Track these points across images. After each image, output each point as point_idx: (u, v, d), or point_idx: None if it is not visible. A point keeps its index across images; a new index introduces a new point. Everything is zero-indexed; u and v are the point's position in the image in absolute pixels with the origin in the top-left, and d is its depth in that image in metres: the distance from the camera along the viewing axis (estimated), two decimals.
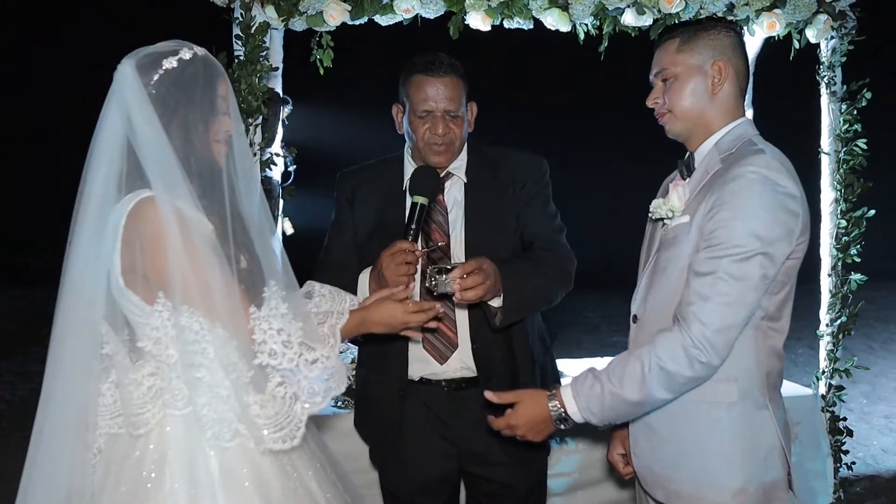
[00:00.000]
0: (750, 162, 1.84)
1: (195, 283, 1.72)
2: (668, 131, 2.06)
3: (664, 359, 1.83)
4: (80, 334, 1.79)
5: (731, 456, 1.91)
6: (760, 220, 1.79)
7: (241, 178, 1.86)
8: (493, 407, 2.13)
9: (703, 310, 1.80)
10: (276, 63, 3.30)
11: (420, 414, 2.49)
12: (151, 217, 1.72)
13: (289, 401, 1.78)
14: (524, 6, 3.14)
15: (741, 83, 2.01)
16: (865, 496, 4.36)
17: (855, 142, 3.40)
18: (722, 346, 1.82)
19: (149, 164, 1.74)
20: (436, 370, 2.47)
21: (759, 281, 1.81)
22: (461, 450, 2.51)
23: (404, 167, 2.56)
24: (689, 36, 2.00)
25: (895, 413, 6.12)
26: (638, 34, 3.30)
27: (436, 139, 2.42)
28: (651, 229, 2.15)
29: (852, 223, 3.42)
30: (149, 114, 1.75)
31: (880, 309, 9.75)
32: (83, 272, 1.78)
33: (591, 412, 1.93)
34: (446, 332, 2.45)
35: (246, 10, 3.08)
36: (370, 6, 3.13)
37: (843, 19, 3.34)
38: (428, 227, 2.46)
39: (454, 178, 2.53)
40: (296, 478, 1.86)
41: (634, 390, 1.87)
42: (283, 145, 3.41)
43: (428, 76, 2.40)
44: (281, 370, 1.78)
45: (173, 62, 1.79)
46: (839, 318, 3.45)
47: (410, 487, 2.54)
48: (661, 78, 2.03)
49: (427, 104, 2.40)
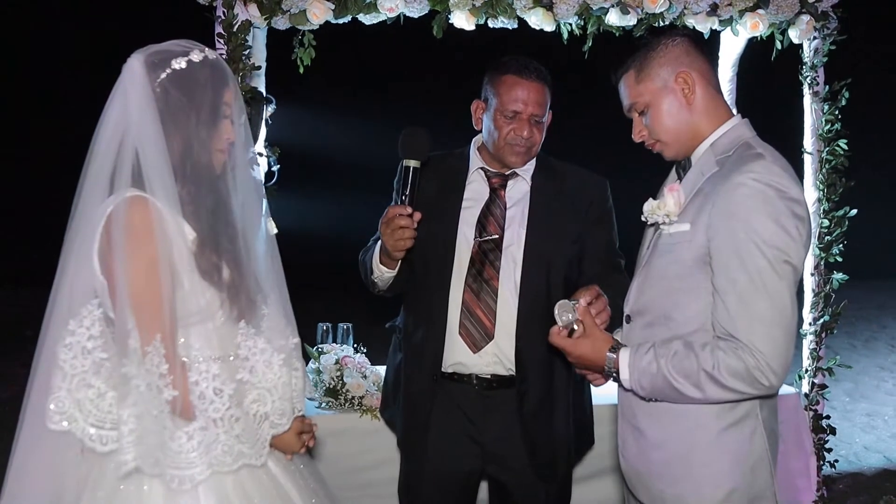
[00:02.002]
0: (751, 169, 1.78)
1: (147, 295, 1.68)
2: (666, 157, 2.03)
3: (726, 376, 1.79)
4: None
5: (717, 464, 1.88)
6: (771, 231, 1.75)
7: (239, 188, 1.83)
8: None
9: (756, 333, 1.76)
10: (259, 62, 3.28)
11: (449, 411, 2.50)
12: (131, 218, 1.69)
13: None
14: (508, 5, 3.14)
15: (711, 81, 1.98)
16: (848, 494, 4.39)
17: (837, 142, 3.42)
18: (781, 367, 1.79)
19: (144, 164, 1.71)
20: (467, 360, 2.47)
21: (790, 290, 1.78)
22: (486, 451, 2.52)
23: (469, 161, 2.60)
24: (642, 62, 1.96)
25: (877, 411, 6.17)
26: (622, 34, 3.30)
27: (519, 140, 2.46)
28: (646, 232, 2.10)
29: (834, 222, 3.44)
30: (150, 113, 1.72)
31: (862, 308, 9.83)
32: (74, 271, 1.75)
33: (640, 386, 1.91)
34: (483, 321, 2.46)
35: (228, 8, 3.06)
36: (354, 5, 3.12)
37: (825, 20, 3.37)
38: (485, 218, 2.51)
39: (519, 177, 2.57)
40: (272, 486, 1.84)
41: (690, 389, 1.83)
42: (267, 145, 3.39)
43: (521, 78, 2.45)
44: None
45: (182, 63, 1.76)
46: (822, 318, 3.47)
47: (429, 483, 2.54)
48: (636, 111, 2.00)
49: (517, 105, 2.44)
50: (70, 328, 1.71)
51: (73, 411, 1.69)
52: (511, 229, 2.50)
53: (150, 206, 1.70)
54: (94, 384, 1.70)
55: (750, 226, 1.75)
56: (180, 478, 1.68)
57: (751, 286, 1.75)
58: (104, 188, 1.74)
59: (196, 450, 1.69)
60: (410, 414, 2.56)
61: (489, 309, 2.46)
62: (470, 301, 2.47)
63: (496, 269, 2.47)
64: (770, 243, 1.75)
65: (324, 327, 3.46)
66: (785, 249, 1.75)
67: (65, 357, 1.69)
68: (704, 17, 3.27)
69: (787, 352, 1.77)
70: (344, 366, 3.17)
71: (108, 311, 1.74)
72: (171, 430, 1.67)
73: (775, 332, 1.75)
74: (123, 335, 1.67)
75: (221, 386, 1.72)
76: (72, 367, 1.69)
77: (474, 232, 2.50)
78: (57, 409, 1.69)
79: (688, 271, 1.87)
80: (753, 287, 1.75)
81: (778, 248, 1.75)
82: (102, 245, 1.72)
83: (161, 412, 1.67)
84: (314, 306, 2.49)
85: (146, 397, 1.66)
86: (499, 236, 2.49)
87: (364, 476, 3.04)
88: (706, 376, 1.78)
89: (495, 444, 2.50)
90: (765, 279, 1.75)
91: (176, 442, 1.68)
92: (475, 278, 2.46)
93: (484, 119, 2.53)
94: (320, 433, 3.00)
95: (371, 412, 3.05)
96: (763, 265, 1.75)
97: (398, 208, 2.24)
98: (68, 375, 1.69)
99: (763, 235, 1.75)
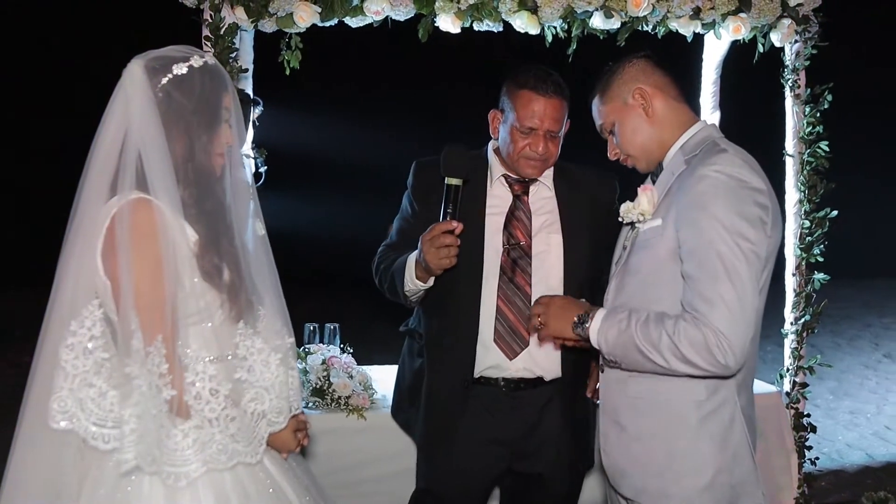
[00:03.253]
0: (713, 162, 1.88)
1: (159, 305, 1.72)
2: (640, 170, 2.15)
3: (686, 345, 1.84)
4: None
5: (699, 453, 1.93)
6: (732, 217, 1.83)
7: (236, 191, 1.87)
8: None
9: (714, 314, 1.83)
10: (247, 64, 3.30)
11: (476, 414, 2.52)
12: (136, 220, 1.72)
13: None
14: (493, 9, 3.16)
15: (670, 92, 2.09)
16: (831, 490, 4.44)
17: (818, 144, 3.47)
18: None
19: (147, 167, 1.74)
20: (500, 365, 2.50)
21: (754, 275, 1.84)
22: (513, 450, 2.55)
23: (489, 164, 2.61)
24: (604, 86, 2.12)
25: (860, 409, 6.23)
26: (606, 37, 3.34)
27: (534, 155, 2.47)
28: (622, 232, 2.20)
29: (816, 223, 3.48)
30: (153, 117, 1.75)
31: (847, 307, 9.92)
32: (76, 272, 1.77)
33: (606, 340, 1.97)
34: (518, 328, 2.49)
35: (215, 11, 3.07)
36: (340, 8, 3.14)
37: (806, 24, 3.41)
38: (511, 225, 2.53)
39: (540, 183, 2.59)
40: (269, 483, 1.87)
41: (651, 352, 1.89)
42: (254, 146, 3.40)
43: (538, 94, 2.44)
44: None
45: (183, 68, 1.79)
46: (803, 317, 3.51)
47: (454, 486, 2.56)
48: (606, 131, 2.15)
49: (532, 122, 2.44)
50: (72, 329, 1.73)
51: (76, 410, 1.72)
52: (539, 236, 2.53)
53: (154, 208, 1.74)
54: (95, 384, 1.73)
55: (712, 214, 1.84)
56: (176, 475, 1.71)
57: (714, 271, 1.83)
58: (106, 190, 1.78)
59: (191, 447, 1.73)
60: (437, 419, 2.57)
61: (523, 315, 2.48)
62: (504, 308, 2.50)
63: (528, 275, 2.50)
64: (732, 230, 1.83)
65: (311, 328, 3.48)
66: (746, 236, 1.83)
67: (66, 357, 1.72)
68: (687, 21, 3.30)
69: (745, 334, 1.83)
70: (331, 366, 3.19)
71: (108, 311, 1.77)
72: (167, 428, 1.71)
73: (736, 314, 1.81)
74: (127, 335, 1.70)
75: (217, 386, 1.76)
76: (73, 366, 1.72)
77: (502, 239, 2.51)
78: (59, 408, 1.72)
79: (662, 264, 1.95)
80: (716, 272, 1.82)
81: (740, 235, 1.83)
82: (106, 246, 1.75)
83: (160, 411, 1.70)
84: (301, 307, 2.50)
85: (147, 397, 1.69)
86: (525, 243, 2.52)
87: (351, 475, 3.06)
88: (668, 342, 1.85)
89: (524, 440, 2.54)
90: (727, 265, 1.82)
91: (172, 440, 1.71)
92: (507, 285, 2.48)
93: (501, 130, 2.54)
94: (312, 432, 3.03)
95: (357, 412, 3.08)
96: (725, 251, 1.82)
97: (444, 224, 2.25)
98: (70, 375, 1.72)
99: (725, 223, 1.83)
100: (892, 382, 7.02)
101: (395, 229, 2.68)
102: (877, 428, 5.75)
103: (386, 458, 3.04)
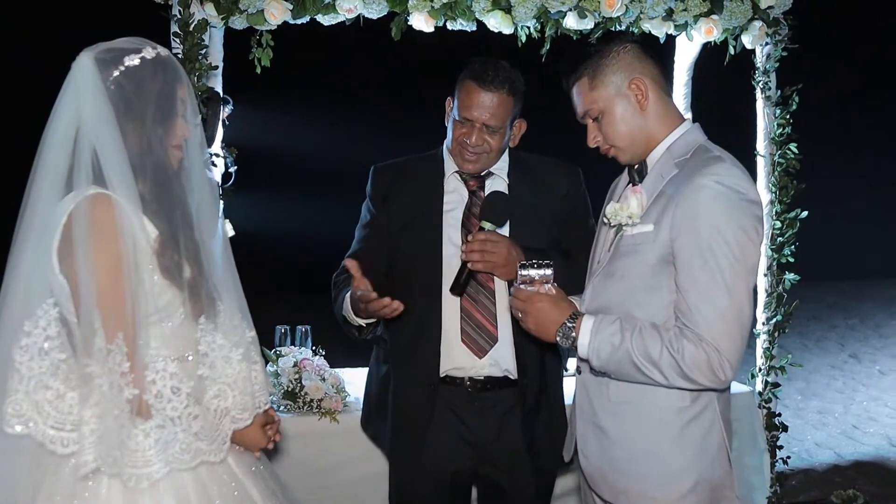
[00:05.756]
0: (713, 171, 1.85)
1: (110, 294, 1.67)
2: (621, 161, 2.07)
3: (690, 365, 1.83)
4: None
5: (681, 457, 1.94)
6: (733, 231, 1.82)
7: (194, 185, 1.83)
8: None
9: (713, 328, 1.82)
10: (216, 62, 3.24)
11: (442, 414, 2.49)
12: (95, 216, 1.68)
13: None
14: (467, 8, 3.14)
15: (662, 86, 2.04)
16: (800, 489, 4.49)
17: (788, 145, 3.50)
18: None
19: (103, 162, 1.70)
20: (466, 364, 2.46)
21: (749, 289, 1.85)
22: (480, 452, 2.51)
23: (444, 164, 2.57)
24: (594, 69, 2.00)
25: (828, 408, 6.31)
26: (580, 37, 3.33)
27: (466, 145, 2.43)
28: (604, 234, 2.12)
29: (786, 224, 3.52)
30: (106, 111, 1.71)
31: (814, 308, 10.05)
32: (29, 271, 1.72)
33: (598, 355, 1.92)
34: (486, 325, 2.45)
35: (184, 7, 3.01)
36: (312, 5, 3.10)
37: (776, 26, 3.44)
38: (468, 221, 2.49)
39: (495, 176, 2.56)
40: (234, 486, 1.83)
41: (650, 370, 1.86)
42: (224, 146, 3.35)
43: (479, 86, 2.40)
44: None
45: (135, 60, 1.76)
46: (775, 317, 3.54)
47: (423, 486, 2.53)
48: (590, 118, 2.04)
49: (469, 112, 2.41)
50: (25, 329, 1.68)
51: (32, 413, 1.66)
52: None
53: (113, 203, 1.69)
54: (52, 385, 1.67)
55: (714, 226, 1.82)
56: (137, 476, 1.67)
57: (712, 284, 1.81)
58: (59, 187, 1.73)
59: (153, 447, 1.68)
60: (404, 423, 2.53)
61: (489, 312, 2.46)
62: (469, 307, 2.46)
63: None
64: (732, 244, 1.81)
65: (282, 330, 3.42)
66: (745, 250, 1.83)
67: (21, 359, 1.67)
68: (660, 22, 3.31)
69: (742, 348, 1.84)
70: (302, 368, 3.14)
71: (65, 311, 1.71)
72: (128, 428, 1.66)
73: (734, 328, 1.81)
74: (89, 334, 1.66)
75: (179, 384, 1.72)
76: (28, 368, 1.67)
77: (460, 236, 2.47)
78: (14, 411, 1.66)
79: (651, 271, 1.91)
80: (715, 285, 1.81)
81: (739, 249, 1.82)
82: (63, 244, 1.70)
83: (121, 412, 1.66)
84: (272, 308, 2.46)
85: (108, 396, 1.65)
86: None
87: (324, 478, 3.01)
88: (670, 360, 1.82)
89: (490, 445, 2.50)
90: (726, 278, 1.80)
91: (133, 440, 1.67)
92: (470, 283, 2.43)
93: (448, 118, 2.53)
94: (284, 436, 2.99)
95: (330, 415, 3.03)
96: (725, 265, 1.81)
97: (379, 302, 2.19)
98: (25, 377, 1.67)
99: (726, 236, 1.81)
100: (858, 383, 7.13)
101: (357, 239, 2.63)
102: (844, 427, 5.83)
103: (358, 461, 3.01)
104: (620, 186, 2.15)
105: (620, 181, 2.18)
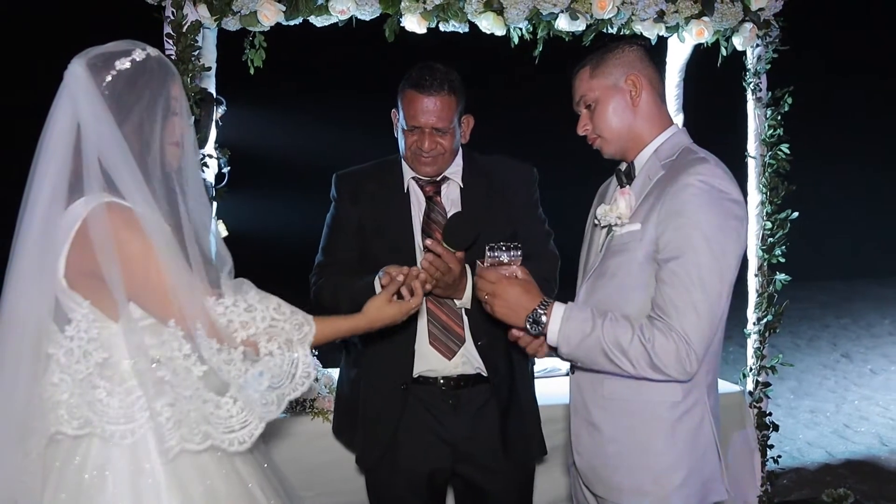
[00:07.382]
0: (697, 171, 1.90)
1: (162, 290, 1.72)
2: (604, 153, 2.13)
3: (659, 354, 1.86)
4: (23, 338, 1.74)
5: (673, 453, 1.97)
6: (714, 229, 1.86)
7: (190, 181, 1.86)
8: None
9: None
10: (210, 63, 3.25)
11: (416, 414, 2.50)
12: (115, 217, 1.70)
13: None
14: (459, 9, 3.15)
15: (657, 90, 2.10)
16: (792, 488, 4.52)
17: (779, 146, 3.52)
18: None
19: (112, 169, 1.71)
20: (438, 366, 2.48)
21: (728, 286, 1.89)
22: (456, 450, 2.52)
23: (403, 170, 2.59)
24: (598, 60, 2.07)
25: (819, 408, 6.34)
26: (571, 39, 3.35)
27: (421, 153, 2.46)
28: (594, 235, 2.19)
29: (777, 225, 3.53)
30: (104, 116, 1.72)
31: (806, 308, 10.10)
32: (30, 276, 1.73)
33: (567, 341, 1.94)
34: (454, 328, 2.47)
35: (177, 8, 3.02)
36: (305, 7, 3.10)
37: (767, 28, 3.46)
38: (428, 227, 2.51)
39: (450, 181, 2.58)
40: (239, 484, 1.85)
41: (619, 358, 1.89)
42: (217, 146, 3.35)
43: (419, 93, 2.42)
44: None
45: (126, 63, 1.77)
46: (765, 317, 3.56)
47: (399, 486, 2.53)
48: (584, 105, 2.11)
49: (415, 120, 2.43)
50: (68, 334, 1.73)
51: (87, 413, 1.73)
52: None
53: (130, 210, 1.71)
54: (99, 385, 1.73)
55: (695, 224, 1.86)
56: (230, 440, 1.74)
57: (689, 278, 1.85)
58: (60, 197, 1.74)
59: (243, 410, 1.75)
60: (376, 427, 2.54)
61: (454, 313, 2.48)
62: (435, 309, 2.48)
63: None
64: (712, 240, 1.86)
65: None
66: (725, 248, 1.87)
67: (66, 362, 1.72)
68: (651, 24, 3.33)
69: (709, 342, 1.89)
70: None
71: (68, 311, 1.74)
72: (214, 400, 1.73)
73: (704, 323, 1.86)
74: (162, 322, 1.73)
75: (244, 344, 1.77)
76: (76, 371, 1.72)
77: (421, 242, 2.48)
78: (69, 414, 1.74)
79: (639, 268, 1.96)
80: (691, 279, 1.85)
81: (719, 246, 1.86)
82: (74, 248, 1.72)
83: (196, 390, 1.72)
84: None
85: (174, 383, 1.71)
86: None
87: (316, 477, 3.03)
88: (640, 348, 1.86)
89: (466, 442, 2.52)
90: (702, 273, 1.85)
91: (223, 409, 1.74)
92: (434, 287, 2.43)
93: (396, 130, 2.55)
94: (272, 438, 3.00)
95: (323, 415, 3.04)
96: (703, 261, 1.85)
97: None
98: (74, 380, 1.73)
99: (706, 233, 1.86)
100: (850, 382, 7.16)
101: (329, 243, 2.63)
102: (836, 426, 5.86)
103: (351, 460, 3.02)
104: (610, 189, 2.19)
105: (610, 185, 2.23)
